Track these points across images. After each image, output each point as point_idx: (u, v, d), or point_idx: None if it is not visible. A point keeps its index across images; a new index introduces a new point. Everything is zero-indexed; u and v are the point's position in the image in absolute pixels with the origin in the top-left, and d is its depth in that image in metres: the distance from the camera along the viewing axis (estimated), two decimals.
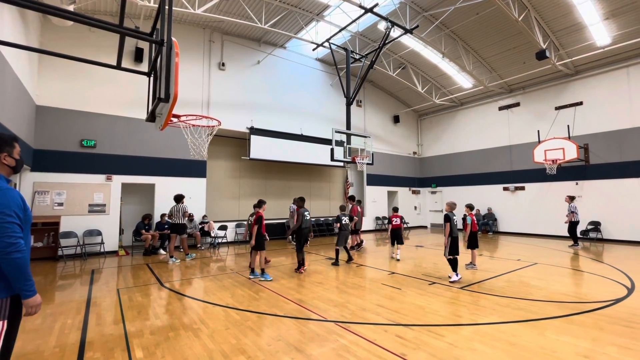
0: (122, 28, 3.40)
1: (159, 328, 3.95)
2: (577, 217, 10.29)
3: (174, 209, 8.35)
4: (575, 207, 10.35)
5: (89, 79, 9.36)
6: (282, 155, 13.05)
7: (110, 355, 3.25)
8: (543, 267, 7.46)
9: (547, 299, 5.02)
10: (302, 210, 6.94)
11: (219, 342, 3.52)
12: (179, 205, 8.37)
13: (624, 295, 5.17)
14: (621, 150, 11.66)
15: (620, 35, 10.78)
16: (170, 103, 3.26)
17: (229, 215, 12.60)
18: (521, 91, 14.62)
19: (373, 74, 15.85)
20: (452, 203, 6.59)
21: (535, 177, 13.81)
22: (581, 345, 3.40)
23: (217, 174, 12.59)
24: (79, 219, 8.98)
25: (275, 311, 4.55)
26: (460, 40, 12.54)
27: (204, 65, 11.59)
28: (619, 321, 4.06)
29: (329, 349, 3.37)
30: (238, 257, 9.06)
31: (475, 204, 15.40)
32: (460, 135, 17.13)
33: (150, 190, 10.42)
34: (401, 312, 4.45)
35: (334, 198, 16.28)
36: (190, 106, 10.86)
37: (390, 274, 6.86)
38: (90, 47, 9.22)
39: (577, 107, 12.81)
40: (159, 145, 10.40)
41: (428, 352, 3.27)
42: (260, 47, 13.03)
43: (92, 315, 4.41)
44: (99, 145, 9.44)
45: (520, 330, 3.80)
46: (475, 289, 5.62)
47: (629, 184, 11.40)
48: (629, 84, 11.57)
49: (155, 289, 5.81)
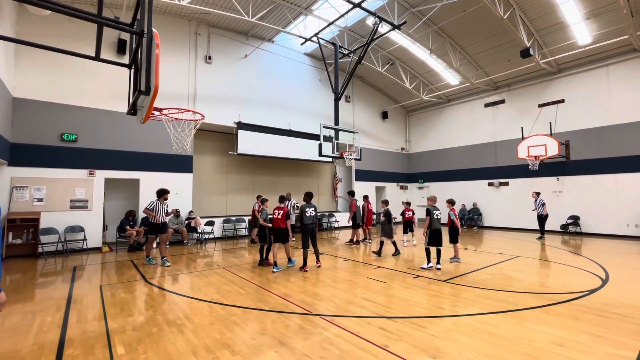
0: (101, 18, 3.30)
1: (142, 324, 3.91)
2: (546, 210, 10.92)
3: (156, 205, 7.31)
4: (542, 200, 10.98)
5: (70, 71, 9.07)
6: (270, 151, 12.98)
7: (91, 352, 3.21)
8: (524, 260, 7.68)
9: (526, 290, 5.18)
10: (303, 206, 6.96)
11: (202, 337, 3.51)
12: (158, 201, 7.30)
13: (598, 286, 5.38)
14: (600, 147, 12.04)
15: (600, 35, 11.08)
16: (151, 96, 3.19)
17: (217, 211, 12.49)
18: (506, 88, 14.89)
19: (362, 70, 15.88)
20: (433, 197, 7.02)
21: (518, 173, 14.15)
22: (556, 334, 3.53)
23: (204, 169, 12.44)
24: (60, 214, 8.74)
25: (261, 306, 4.56)
26: (448, 37, 12.65)
27: (190, 58, 11.37)
28: (593, 311, 4.23)
29: (312, 341, 3.40)
30: (225, 253, 9.01)
31: (461, 199, 15.76)
32: (447, 131, 17.36)
33: (135, 186, 10.22)
34: (386, 305, 4.52)
35: (323, 194, 16.32)
36: (176, 100, 10.67)
37: (376, 267, 6.95)
38: (70, 37, 8.92)
39: (559, 105, 13.15)
40: (144, 140, 10.18)
41: (409, 343, 3.34)
42: (247, 40, 12.86)
43: (73, 313, 4.33)
44: (80, 139, 9.19)
45: (499, 321, 3.91)
46: (458, 281, 5.75)
47: (607, 179, 11.80)
48: (609, 83, 11.93)
49: (140, 285, 5.73)
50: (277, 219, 6.74)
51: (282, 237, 6.77)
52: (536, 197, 11.21)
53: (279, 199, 7.50)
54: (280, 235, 6.78)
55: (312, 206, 6.98)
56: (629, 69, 11.50)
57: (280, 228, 6.73)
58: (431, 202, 6.95)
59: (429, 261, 6.69)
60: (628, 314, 4.11)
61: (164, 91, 10.30)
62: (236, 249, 9.63)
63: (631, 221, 11.15)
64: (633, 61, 11.42)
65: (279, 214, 6.74)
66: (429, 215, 6.71)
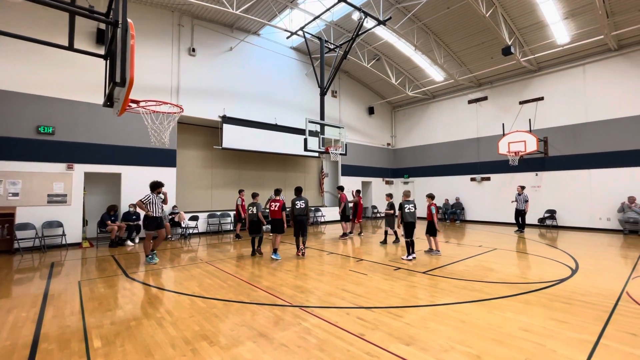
0: (73, 6, 3.22)
1: (120, 318, 3.89)
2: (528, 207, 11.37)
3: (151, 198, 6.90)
4: (527, 197, 11.38)
5: (46, 61, 8.76)
6: (255, 145, 12.90)
7: (66, 346, 3.18)
8: (501, 252, 7.95)
9: (501, 280, 5.38)
10: (294, 199, 7.65)
11: (181, 330, 3.53)
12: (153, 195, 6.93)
13: (567, 275, 5.64)
14: (576, 143, 12.49)
15: (578, 35, 11.43)
16: (126, 87, 3.14)
17: (201, 206, 12.39)
18: (489, 85, 15.20)
19: (348, 65, 15.90)
20: (406, 192, 7.57)
21: (499, 168, 14.54)
22: (524, 320, 3.71)
23: (188, 163, 12.28)
24: (37, 209, 8.50)
25: (242, 298, 4.59)
26: (432, 33, 12.80)
27: (173, 50, 11.14)
28: (560, 299, 4.44)
29: (291, 332, 3.47)
30: (210, 248, 8.96)
31: (444, 194, 16.11)
32: (432, 127, 17.63)
33: (116, 180, 10.02)
34: (365, 296, 4.63)
35: (309, 188, 16.36)
36: (159, 93, 10.46)
37: (358, 260, 7.07)
38: (45, 26, 8.59)
39: (539, 102, 13.54)
40: (125, 133, 9.96)
41: (385, 331, 3.44)
42: (232, 33, 12.67)
43: (49, 308, 4.26)
44: (58, 132, 8.92)
45: (472, 309, 4.07)
46: (437, 273, 5.92)
47: (582, 174, 12.27)
48: (585, 81, 12.35)
49: (120, 280, 5.67)
50: (274, 211, 7.24)
51: (278, 228, 7.26)
52: (521, 191, 11.47)
53: (274, 192, 7.80)
54: (276, 225, 7.26)
55: (302, 199, 7.67)
56: (604, 68, 11.93)
57: (277, 219, 7.24)
58: (405, 197, 7.41)
59: (408, 253, 7.00)
60: (592, 301, 4.34)
61: (146, 84, 10.11)
62: (221, 244, 9.59)
63: (603, 215, 11.66)
64: (608, 61, 11.84)
65: (275, 206, 7.24)
66: (401, 210, 7.21)
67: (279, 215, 7.24)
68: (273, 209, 7.28)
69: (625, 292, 4.71)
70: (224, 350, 3.05)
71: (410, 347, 3.09)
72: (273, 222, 7.33)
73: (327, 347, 3.11)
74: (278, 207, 7.23)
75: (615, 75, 11.66)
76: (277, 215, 7.24)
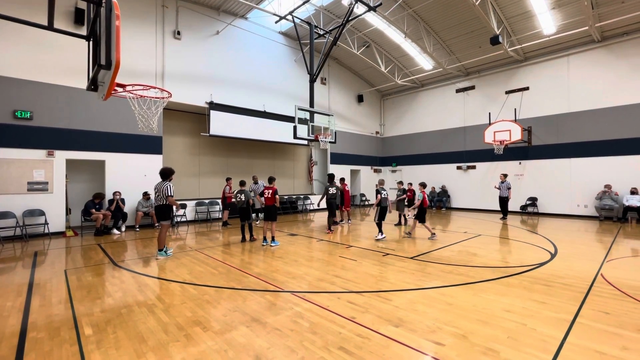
0: None
1: (111, 306, 3.87)
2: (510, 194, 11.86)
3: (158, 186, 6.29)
4: (509, 184, 11.84)
5: (23, 42, 8.30)
6: (244, 132, 12.73)
7: (56, 334, 3.15)
8: (485, 238, 8.22)
9: (485, 265, 5.59)
10: (327, 186, 9.10)
11: (174, 316, 3.54)
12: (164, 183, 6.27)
13: (547, 259, 5.90)
14: (558, 133, 12.85)
15: (563, 25, 11.60)
16: (112, 70, 3.03)
17: (189, 194, 12.23)
18: (477, 75, 15.34)
19: (338, 52, 15.72)
20: (381, 180, 8.49)
21: (485, 157, 14.86)
22: (507, 302, 3.88)
23: (174, 150, 12.03)
24: (16, 198, 8.22)
25: (234, 285, 4.62)
26: (422, 21, 12.74)
27: (157, 33, 10.73)
28: (540, 281, 4.66)
29: (283, 316, 3.53)
30: (199, 236, 8.91)
31: (431, 182, 16.38)
32: (420, 116, 17.76)
33: (100, 168, 9.74)
34: (355, 281, 4.73)
35: (298, 177, 16.36)
36: (143, 77, 10.11)
37: (348, 247, 7.18)
38: (22, 3, 8.10)
39: (524, 92, 13.78)
40: (109, 119, 9.64)
41: (375, 314, 3.55)
42: (219, 16, 12.27)
43: (35, 297, 4.19)
44: (36, 117, 8.54)
45: (458, 292, 4.23)
46: (424, 258, 6.09)
47: (563, 163, 12.69)
48: (569, 72, 12.61)
49: (108, 268, 5.60)
50: (268, 198, 7.30)
51: (272, 215, 7.33)
52: (503, 179, 11.92)
53: (268, 179, 7.75)
54: (269, 212, 7.32)
55: (334, 186, 9.30)
56: (587, 59, 12.20)
57: (270, 206, 7.31)
58: (380, 185, 8.25)
59: (380, 232, 7.92)
60: (570, 283, 4.58)
61: (129, 67, 9.74)
62: (209, 232, 9.55)
63: (581, 202, 12.14)
64: (591, 52, 12.11)
65: (269, 193, 7.29)
66: (379, 194, 7.94)
67: (271, 202, 7.28)
68: (267, 196, 7.30)
69: (600, 274, 4.98)
70: (217, 335, 3.09)
71: (399, 328, 3.21)
72: (266, 210, 7.37)
73: (319, 330, 3.19)
74: (271, 194, 7.27)
75: (597, 66, 11.95)
76: (270, 202, 7.29)
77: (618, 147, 11.43)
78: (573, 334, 3.06)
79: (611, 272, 5.10)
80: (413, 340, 2.97)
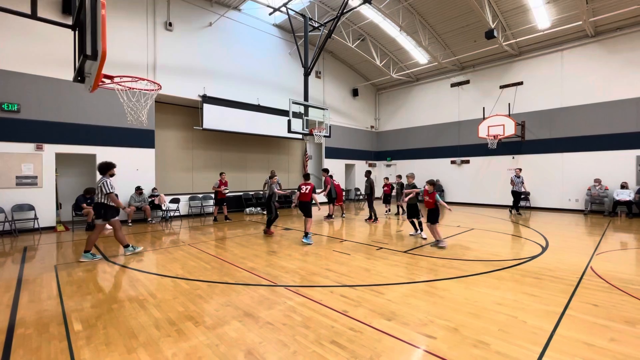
0: None
1: (101, 301, 3.82)
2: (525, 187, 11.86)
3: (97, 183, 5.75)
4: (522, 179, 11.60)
5: (8, 33, 8.06)
6: (238, 126, 12.60)
7: (45, 330, 3.11)
8: (478, 231, 8.29)
9: (477, 258, 5.63)
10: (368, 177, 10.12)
11: (165, 311, 3.51)
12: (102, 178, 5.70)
13: (538, 253, 5.97)
14: (551, 127, 12.94)
15: (558, 20, 11.61)
16: (98, 61, 2.94)
17: (182, 188, 12.12)
18: (471, 69, 15.34)
19: (333, 45, 15.58)
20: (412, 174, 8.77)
21: (478, 152, 14.93)
22: (498, 295, 3.92)
23: (167, 144, 11.89)
24: (5, 192, 8.06)
25: (227, 279, 4.60)
26: (418, 14, 12.65)
27: (148, 24, 10.50)
28: (531, 274, 4.71)
29: (276, 310, 3.52)
30: (192, 230, 8.85)
31: (425, 176, 16.36)
32: (415, 110, 17.74)
33: (91, 162, 9.58)
34: (348, 275, 4.74)
35: (293, 171, 16.30)
36: (134, 69, 9.91)
37: (342, 241, 7.19)
38: None
39: (518, 87, 13.82)
40: (100, 112, 9.46)
41: (368, 308, 3.56)
42: (212, 7, 12.05)
43: (24, 293, 4.12)
44: (23, 109, 8.35)
45: (450, 286, 4.26)
46: (417, 252, 6.12)
47: (555, 158, 12.81)
48: (562, 67, 12.66)
49: (100, 264, 5.53)
50: (305, 194, 7.09)
51: (307, 211, 7.14)
52: (519, 173, 11.58)
53: (303, 176, 7.76)
54: (305, 208, 7.14)
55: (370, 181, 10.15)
56: (581, 54, 12.24)
57: (306, 202, 7.09)
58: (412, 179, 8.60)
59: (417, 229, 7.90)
60: (560, 276, 4.63)
61: (119, 59, 9.55)
62: (203, 226, 9.49)
63: (572, 196, 12.30)
64: (585, 47, 12.15)
65: (306, 189, 7.09)
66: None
67: (308, 199, 7.06)
68: (304, 191, 7.09)
69: (589, 267, 5.05)
70: (209, 330, 3.07)
71: (391, 322, 3.22)
72: (301, 205, 7.17)
73: (312, 323, 3.19)
74: (309, 190, 7.04)
75: (590, 61, 12.01)
76: (307, 198, 7.07)
77: (609, 142, 11.56)
78: (562, 326, 3.10)
79: (601, 265, 5.18)
80: (405, 333, 2.98)
